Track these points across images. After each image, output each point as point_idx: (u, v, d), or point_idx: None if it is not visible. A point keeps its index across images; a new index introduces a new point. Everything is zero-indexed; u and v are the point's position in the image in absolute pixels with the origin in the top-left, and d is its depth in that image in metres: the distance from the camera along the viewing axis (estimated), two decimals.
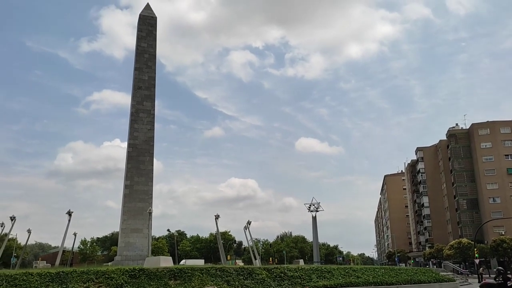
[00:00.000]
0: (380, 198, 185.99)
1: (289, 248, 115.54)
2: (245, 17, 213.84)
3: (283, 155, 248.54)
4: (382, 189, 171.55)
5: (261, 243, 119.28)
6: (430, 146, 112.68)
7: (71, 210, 40.94)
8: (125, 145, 42.85)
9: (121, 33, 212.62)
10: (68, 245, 65.97)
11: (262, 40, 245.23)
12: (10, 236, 52.43)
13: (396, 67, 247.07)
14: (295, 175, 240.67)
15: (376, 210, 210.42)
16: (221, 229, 51.92)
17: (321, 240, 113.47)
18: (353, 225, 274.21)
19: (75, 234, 55.13)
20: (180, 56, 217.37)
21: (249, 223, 44.98)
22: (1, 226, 47.19)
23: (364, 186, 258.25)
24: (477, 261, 53.40)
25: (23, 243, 69.76)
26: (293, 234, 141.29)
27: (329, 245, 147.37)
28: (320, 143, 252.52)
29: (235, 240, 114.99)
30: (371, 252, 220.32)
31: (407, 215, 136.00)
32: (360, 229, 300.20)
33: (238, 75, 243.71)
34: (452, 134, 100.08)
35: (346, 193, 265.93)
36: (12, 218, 44.24)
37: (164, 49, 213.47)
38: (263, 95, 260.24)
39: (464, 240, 78.57)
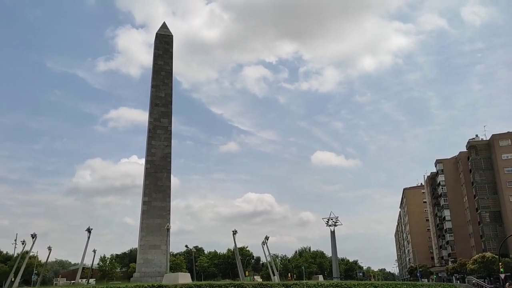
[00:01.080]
0: (400, 211, 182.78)
1: (308, 263, 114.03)
2: (258, 33, 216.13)
3: (299, 169, 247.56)
4: (401, 203, 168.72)
5: (279, 258, 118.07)
6: (450, 158, 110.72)
7: (90, 227, 41.38)
8: (142, 161, 43.27)
9: (136, 51, 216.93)
10: (87, 262, 66.53)
11: (275, 54, 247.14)
12: (31, 254, 53.08)
13: (412, 79, 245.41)
14: (312, 189, 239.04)
15: (396, 224, 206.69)
16: (239, 245, 51.73)
17: (340, 255, 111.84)
18: (372, 239, 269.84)
19: (94, 251, 55.58)
20: (194, 73, 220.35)
21: (267, 238, 44.67)
22: (23, 243, 47.87)
23: (382, 199, 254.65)
24: (502, 276, 51.82)
25: (43, 260, 70.57)
26: (312, 249, 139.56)
27: (348, 260, 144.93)
28: (336, 156, 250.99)
29: (253, 256, 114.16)
30: (392, 267, 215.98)
31: (428, 229, 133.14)
32: (380, 244, 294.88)
33: (252, 90, 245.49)
34: (472, 145, 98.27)
35: (364, 207, 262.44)
36: (33, 236, 44.85)
37: (179, 67, 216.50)
38: (278, 110, 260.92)
39: (488, 254, 76.40)
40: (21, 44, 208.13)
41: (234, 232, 42.42)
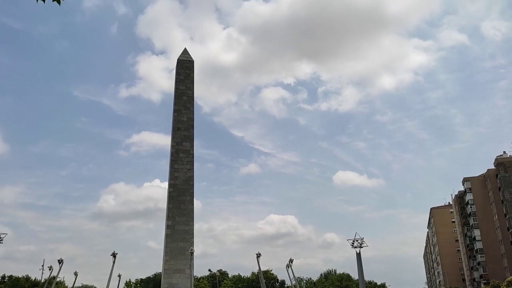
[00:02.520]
0: (428, 232, 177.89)
1: (334, 286, 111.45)
2: (276, 54, 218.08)
3: (322, 190, 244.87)
4: (429, 223, 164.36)
5: (304, 281, 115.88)
6: (477, 176, 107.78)
7: (115, 252, 41.67)
8: (164, 185, 43.65)
9: (157, 77, 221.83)
10: (113, 286, 66.71)
11: (293, 75, 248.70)
12: (58, 279, 53.66)
13: (434, 97, 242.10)
14: (335, 210, 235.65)
15: (424, 245, 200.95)
16: (263, 268, 51.08)
17: (367, 278, 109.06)
18: (400, 261, 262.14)
19: (119, 276, 55.77)
20: (214, 96, 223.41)
21: (291, 261, 44.06)
22: (50, 269, 48.48)
23: (408, 220, 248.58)
24: None
25: (70, 285, 71.17)
26: (337, 272, 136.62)
27: (376, 283, 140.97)
28: (359, 176, 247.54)
29: (277, 279, 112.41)
30: None
31: (458, 250, 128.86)
32: (408, 266, 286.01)
33: (272, 112, 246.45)
34: (500, 162, 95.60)
35: (390, 228, 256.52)
36: (60, 261, 45.45)
37: (199, 91, 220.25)
38: (299, 131, 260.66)
39: None
40: (49, 74, 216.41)
41: (258, 255, 42.00)
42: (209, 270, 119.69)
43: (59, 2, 5.96)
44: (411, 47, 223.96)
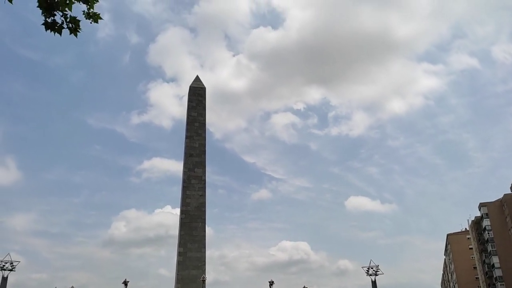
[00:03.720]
0: (445, 259, 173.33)
1: None
2: (285, 80, 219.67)
3: (334, 215, 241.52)
4: (446, 250, 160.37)
5: None
6: (494, 201, 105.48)
7: (127, 280, 41.23)
8: (176, 211, 43.45)
9: (168, 104, 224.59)
10: None
11: (303, 101, 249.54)
12: None
13: (445, 122, 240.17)
14: (348, 236, 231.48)
15: (442, 272, 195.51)
16: None
17: None
18: None
19: None
20: (224, 122, 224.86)
21: None
22: None
23: (424, 246, 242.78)
24: None
25: None
26: None
27: None
28: (371, 201, 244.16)
29: None
30: None
31: (476, 277, 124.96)
32: None
33: (282, 137, 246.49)
34: None
35: (405, 255, 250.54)
36: None
37: (209, 117, 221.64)
38: (310, 157, 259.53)
39: None
40: (65, 103, 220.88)
41: (271, 283, 41.18)
42: None
43: (75, 35, 6.10)
44: (420, 71, 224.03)
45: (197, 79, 47.30)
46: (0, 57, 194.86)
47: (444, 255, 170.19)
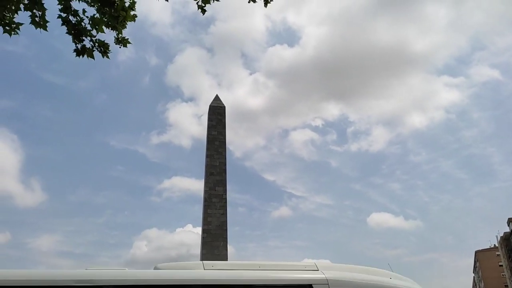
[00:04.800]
0: (474, 277, 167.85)
1: None
2: (302, 96, 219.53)
3: (357, 233, 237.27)
4: (474, 267, 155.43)
5: None
6: None
7: None
8: (197, 230, 43.52)
9: (186, 123, 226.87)
10: None
11: (321, 117, 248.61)
12: None
13: (469, 136, 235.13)
14: (373, 254, 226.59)
15: None
16: None
17: None
18: None
19: None
20: (242, 140, 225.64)
21: None
22: None
23: (451, 263, 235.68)
24: None
25: None
26: None
27: None
28: (394, 217, 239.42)
29: None
30: None
31: None
32: None
33: (301, 155, 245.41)
34: None
35: (432, 273, 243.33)
36: None
37: (228, 135, 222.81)
38: (331, 173, 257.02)
39: None
40: (88, 126, 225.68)
41: None
42: None
43: (107, 57, 6.31)
44: (441, 85, 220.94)
45: (217, 98, 47.84)
46: (27, 82, 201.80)
47: (473, 272, 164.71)
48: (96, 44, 6.16)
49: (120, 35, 6.39)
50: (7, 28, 5.96)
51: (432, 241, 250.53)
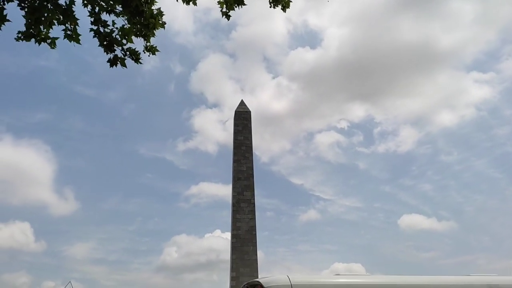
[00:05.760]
0: None
1: None
2: (327, 98, 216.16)
3: (388, 235, 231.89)
4: None
5: None
6: None
7: None
8: (225, 235, 43.72)
9: (211, 129, 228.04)
10: None
11: (346, 119, 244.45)
12: None
13: (502, 134, 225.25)
14: (405, 257, 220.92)
15: None
16: None
17: None
18: None
19: None
20: (268, 144, 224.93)
21: None
22: None
23: (488, 265, 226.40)
24: None
25: None
26: None
27: None
28: (426, 219, 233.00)
29: None
30: None
31: None
32: None
33: (327, 157, 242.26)
34: None
35: None
36: None
37: (254, 140, 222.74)
38: (359, 176, 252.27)
39: None
40: (118, 136, 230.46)
41: None
42: None
43: (139, 63, 6.47)
44: (470, 81, 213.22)
45: (242, 103, 48.08)
46: (59, 95, 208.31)
47: None
48: (128, 53, 6.35)
49: (148, 43, 6.55)
50: (47, 42, 6.17)
51: (467, 243, 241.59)
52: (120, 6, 6.23)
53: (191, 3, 6.57)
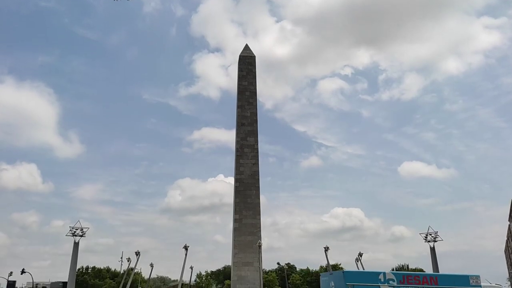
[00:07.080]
0: (509, 225, 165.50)
1: None
2: (331, 42, 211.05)
3: (389, 182, 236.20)
4: (510, 215, 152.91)
5: None
6: None
7: (187, 245, 43.33)
8: (228, 180, 44.65)
9: (213, 74, 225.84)
10: (185, 278, 69.34)
11: (350, 65, 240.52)
12: (135, 270, 56.80)
13: (509, 82, 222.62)
14: (404, 203, 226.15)
15: (505, 239, 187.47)
16: (331, 262, 50.56)
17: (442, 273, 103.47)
18: (478, 256, 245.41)
19: (191, 268, 57.77)
20: (270, 90, 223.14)
21: (360, 255, 43.29)
22: (128, 260, 51.44)
23: (486, 212, 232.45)
24: None
25: (146, 276, 75.12)
26: (410, 267, 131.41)
27: None
28: (426, 166, 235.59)
29: None
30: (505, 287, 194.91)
31: None
32: (487, 261, 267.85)
33: (330, 105, 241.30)
34: None
35: (465, 221, 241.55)
36: (137, 254, 48.05)
37: (257, 86, 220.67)
38: (362, 123, 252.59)
39: None
40: (122, 80, 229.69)
41: (326, 249, 41.71)
42: (278, 263, 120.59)
43: None
44: (480, 27, 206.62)
45: (246, 47, 47.10)
46: (62, 37, 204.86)
47: (508, 221, 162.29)
48: None
49: None
50: None
51: (466, 190, 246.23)
52: None
53: None
